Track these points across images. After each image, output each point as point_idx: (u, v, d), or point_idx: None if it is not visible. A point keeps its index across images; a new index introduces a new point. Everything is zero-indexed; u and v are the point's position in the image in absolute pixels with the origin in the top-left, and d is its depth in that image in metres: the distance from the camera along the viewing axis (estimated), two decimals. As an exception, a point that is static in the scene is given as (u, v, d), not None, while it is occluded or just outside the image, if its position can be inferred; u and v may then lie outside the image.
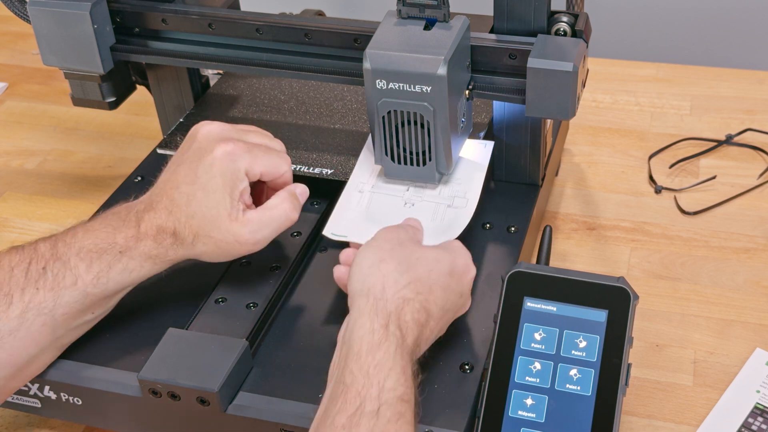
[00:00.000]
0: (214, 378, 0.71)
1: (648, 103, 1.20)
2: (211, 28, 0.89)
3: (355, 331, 0.66)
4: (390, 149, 0.81)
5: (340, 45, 0.86)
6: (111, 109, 0.96)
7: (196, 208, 0.73)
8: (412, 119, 0.78)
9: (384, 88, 0.77)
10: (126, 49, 0.91)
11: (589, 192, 1.06)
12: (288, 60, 0.88)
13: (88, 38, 0.89)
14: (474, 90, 0.82)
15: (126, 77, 0.98)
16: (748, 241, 0.97)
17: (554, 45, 0.79)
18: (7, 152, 1.19)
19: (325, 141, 0.93)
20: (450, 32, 0.77)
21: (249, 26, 0.88)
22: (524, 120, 0.89)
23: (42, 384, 0.76)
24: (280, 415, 0.71)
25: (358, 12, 1.53)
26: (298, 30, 0.86)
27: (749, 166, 1.08)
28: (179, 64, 0.92)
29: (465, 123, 0.83)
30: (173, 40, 0.91)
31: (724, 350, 0.86)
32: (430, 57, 0.75)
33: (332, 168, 0.89)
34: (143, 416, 0.75)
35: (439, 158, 0.80)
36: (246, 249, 0.76)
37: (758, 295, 0.91)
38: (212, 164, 0.74)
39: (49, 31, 0.89)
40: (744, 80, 1.22)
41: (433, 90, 0.76)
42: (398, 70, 0.76)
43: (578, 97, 0.79)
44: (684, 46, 1.44)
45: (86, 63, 0.91)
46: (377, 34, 0.79)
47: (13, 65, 1.37)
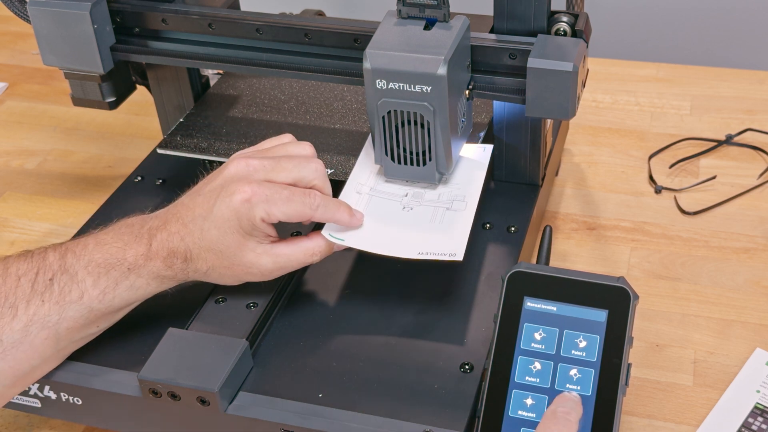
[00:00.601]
0: (214, 378, 0.71)
1: (648, 103, 1.20)
2: (211, 28, 0.89)
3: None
4: (390, 149, 0.81)
5: (340, 45, 0.86)
6: (111, 109, 0.96)
7: (210, 244, 0.73)
8: (412, 119, 0.78)
9: (384, 87, 0.77)
10: (126, 49, 0.91)
11: (589, 192, 1.06)
12: (288, 60, 0.88)
13: (88, 38, 0.89)
14: (474, 90, 0.82)
15: (126, 77, 0.98)
16: (748, 241, 0.97)
17: (554, 45, 0.79)
18: (7, 152, 1.19)
19: (324, 141, 0.93)
20: (450, 32, 0.77)
21: (249, 26, 0.88)
22: (524, 120, 0.89)
23: (42, 384, 0.76)
24: (280, 415, 0.71)
25: (358, 12, 1.53)
26: (298, 30, 0.86)
27: (749, 166, 1.08)
28: (179, 64, 0.92)
29: (465, 123, 0.83)
30: (173, 40, 0.91)
31: (724, 350, 0.86)
32: (430, 57, 0.75)
33: (332, 168, 0.89)
34: (143, 416, 0.75)
35: (439, 158, 0.80)
36: (267, 277, 0.75)
37: (758, 295, 0.91)
38: (228, 206, 0.72)
39: (49, 31, 0.89)
40: (744, 80, 1.22)
41: (433, 90, 0.76)
42: (398, 70, 0.76)
43: (578, 97, 0.79)
44: (684, 46, 1.44)
45: (86, 63, 0.91)
46: (377, 34, 0.79)
47: (13, 65, 1.37)
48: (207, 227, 0.72)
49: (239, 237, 0.72)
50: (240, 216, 0.72)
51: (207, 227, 0.72)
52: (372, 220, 0.80)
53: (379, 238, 0.78)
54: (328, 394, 0.72)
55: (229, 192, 0.72)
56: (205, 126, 0.96)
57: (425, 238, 0.77)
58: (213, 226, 0.72)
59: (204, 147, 0.93)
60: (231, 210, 0.72)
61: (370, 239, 0.77)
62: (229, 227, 0.72)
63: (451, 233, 0.78)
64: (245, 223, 0.72)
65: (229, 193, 0.72)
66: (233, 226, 0.72)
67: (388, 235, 0.78)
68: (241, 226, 0.72)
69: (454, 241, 0.77)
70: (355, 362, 0.75)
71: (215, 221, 0.72)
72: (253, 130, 0.95)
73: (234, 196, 0.72)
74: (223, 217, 0.72)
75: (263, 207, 0.72)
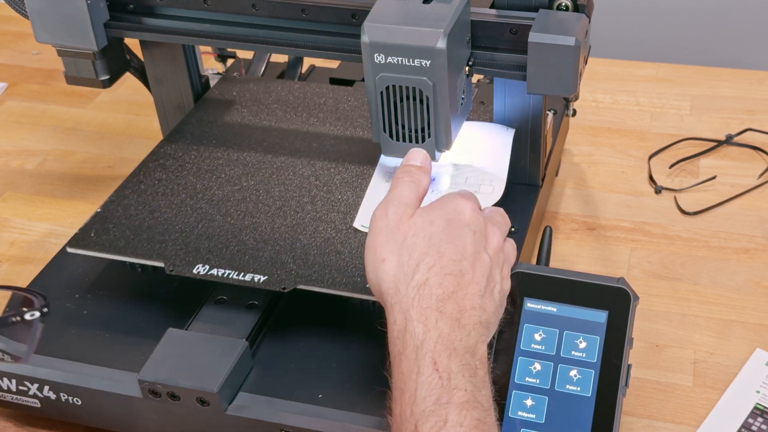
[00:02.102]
0: (214, 378, 0.71)
1: (648, 103, 1.20)
2: (207, 3, 0.87)
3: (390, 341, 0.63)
4: (388, 126, 0.80)
5: (337, 21, 0.84)
6: (105, 87, 0.94)
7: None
8: (411, 95, 0.77)
9: (382, 62, 0.76)
10: (120, 26, 0.90)
11: (589, 192, 1.06)
12: (285, 36, 0.86)
13: (81, 14, 0.87)
14: (474, 66, 0.80)
15: (120, 55, 0.95)
16: (748, 241, 0.97)
17: (556, 20, 0.77)
18: (7, 152, 1.19)
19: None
20: (450, 6, 0.76)
21: (245, 2, 0.85)
22: (524, 120, 0.88)
23: (42, 384, 0.76)
24: (280, 415, 0.71)
25: None
26: (295, 6, 0.84)
27: (749, 166, 1.08)
28: (174, 41, 0.90)
29: (465, 100, 0.81)
30: (168, 16, 0.89)
31: (724, 350, 0.86)
32: (430, 30, 0.74)
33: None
34: (143, 416, 0.75)
35: (438, 135, 0.79)
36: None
37: (758, 295, 0.91)
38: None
39: (42, 7, 0.87)
40: (744, 80, 1.22)
41: (432, 64, 0.75)
42: (397, 44, 0.75)
43: (581, 73, 0.78)
44: (684, 46, 1.44)
45: (80, 40, 0.89)
46: (375, 8, 0.77)
47: (13, 65, 1.37)
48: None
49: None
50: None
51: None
52: None
53: None
54: (328, 394, 0.72)
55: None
56: (125, 218, 0.84)
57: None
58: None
59: (121, 246, 0.80)
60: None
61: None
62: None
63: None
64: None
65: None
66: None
67: None
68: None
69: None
70: (355, 363, 0.75)
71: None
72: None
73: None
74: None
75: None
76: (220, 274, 0.76)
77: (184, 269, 0.77)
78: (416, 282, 0.63)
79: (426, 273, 0.63)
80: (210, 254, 0.78)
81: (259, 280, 0.75)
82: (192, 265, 0.77)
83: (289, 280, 0.75)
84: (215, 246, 0.79)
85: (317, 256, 0.78)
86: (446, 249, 0.64)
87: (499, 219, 0.71)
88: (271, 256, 0.78)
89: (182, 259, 0.78)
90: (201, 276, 0.76)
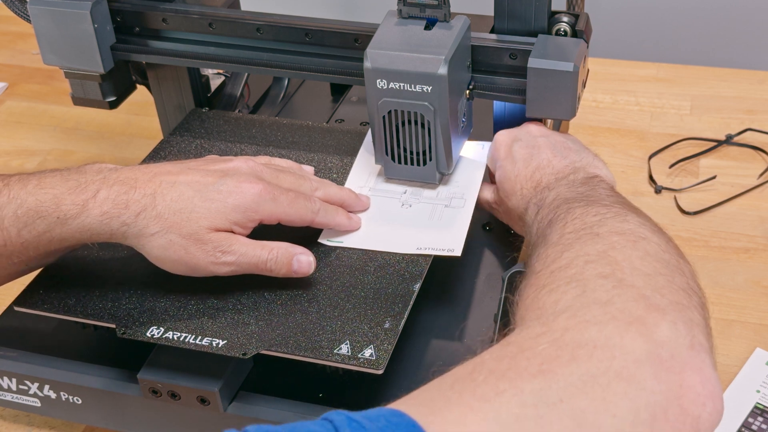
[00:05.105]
0: (215, 378, 0.71)
1: (648, 103, 1.20)
2: (212, 27, 0.89)
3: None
4: (390, 149, 0.81)
5: (340, 45, 0.86)
6: (111, 109, 0.96)
7: (185, 206, 0.69)
8: (412, 119, 0.78)
9: (385, 87, 0.77)
10: (126, 48, 0.92)
11: (589, 192, 1.06)
12: (288, 60, 0.88)
13: (88, 37, 0.89)
14: (474, 90, 0.82)
15: (126, 76, 0.98)
16: (748, 241, 0.97)
17: (555, 45, 0.79)
18: (7, 152, 1.19)
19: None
20: (450, 32, 0.77)
21: (249, 26, 0.88)
22: (524, 120, 0.88)
23: (42, 383, 0.76)
24: (280, 415, 0.71)
25: (358, 12, 1.53)
26: (299, 30, 0.86)
27: (749, 166, 1.08)
28: (179, 63, 0.92)
29: (465, 123, 0.83)
30: (173, 39, 0.91)
31: (724, 350, 0.86)
32: (431, 56, 0.75)
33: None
34: (143, 416, 0.75)
35: (439, 158, 0.80)
36: (210, 268, 0.71)
37: (758, 295, 0.91)
38: (235, 191, 0.71)
39: (49, 31, 0.89)
40: (744, 80, 1.22)
41: (433, 90, 0.76)
42: (399, 70, 0.76)
43: (579, 97, 0.79)
44: (684, 46, 1.44)
45: (86, 62, 0.91)
46: (378, 34, 0.79)
47: (13, 65, 1.37)
48: (190, 195, 0.70)
49: (222, 220, 0.70)
50: (244, 206, 0.70)
51: (190, 195, 0.70)
52: (371, 219, 0.80)
53: (377, 236, 0.78)
54: (328, 394, 0.72)
55: (239, 180, 0.71)
56: (78, 270, 0.78)
57: (424, 234, 0.77)
58: (202, 197, 0.70)
59: (71, 304, 0.75)
60: (238, 195, 0.70)
61: (369, 238, 0.78)
62: (223, 207, 0.70)
63: (450, 229, 0.78)
64: (242, 214, 0.71)
65: (239, 181, 0.71)
66: (228, 208, 0.70)
67: (387, 233, 0.78)
68: (236, 212, 0.70)
69: (453, 237, 0.77)
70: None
71: (209, 194, 0.70)
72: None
73: (244, 185, 0.71)
74: (220, 196, 0.70)
75: (269, 205, 0.72)
76: (175, 338, 0.70)
77: (137, 332, 0.71)
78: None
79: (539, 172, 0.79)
80: (166, 314, 0.72)
81: (218, 345, 0.69)
82: (146, 326, 0.71)
83: (250, 344, 0.69)
84: (172, 305, 0.73)
85: (282, 316, 0.72)
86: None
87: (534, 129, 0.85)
88: (232, 316, 0.72)
89: (135, 319, 0.72)
90: (155, 339, 0.70)
